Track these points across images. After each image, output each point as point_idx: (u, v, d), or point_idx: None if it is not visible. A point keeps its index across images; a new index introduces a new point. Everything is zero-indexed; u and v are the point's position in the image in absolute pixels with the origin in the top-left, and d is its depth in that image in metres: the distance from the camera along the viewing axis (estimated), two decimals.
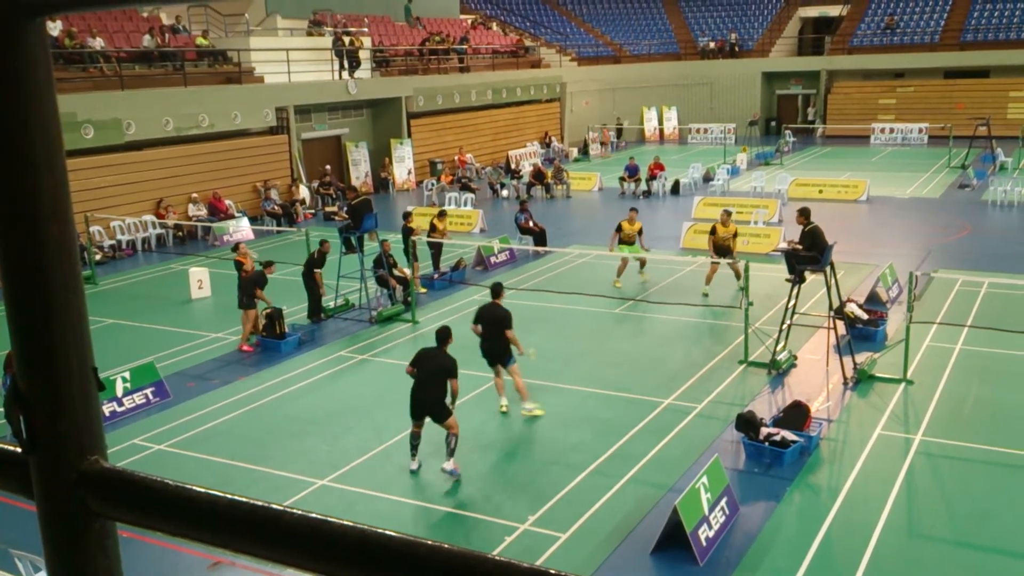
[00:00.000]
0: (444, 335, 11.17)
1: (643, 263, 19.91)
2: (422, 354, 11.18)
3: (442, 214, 20.64)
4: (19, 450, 1.20)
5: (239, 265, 16.37)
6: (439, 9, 44.07)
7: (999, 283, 18.02)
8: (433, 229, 20.03)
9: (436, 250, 20.27)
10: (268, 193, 28.16)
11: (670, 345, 15.67)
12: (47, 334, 1.15)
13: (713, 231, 18.60)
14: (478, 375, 13.64)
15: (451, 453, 10.93)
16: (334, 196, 29.83)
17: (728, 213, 18.99)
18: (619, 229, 19.69)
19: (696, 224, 23.99)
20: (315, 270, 17.17)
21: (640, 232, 19.83)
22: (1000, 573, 8.99)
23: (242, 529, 1.11)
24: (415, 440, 11.07)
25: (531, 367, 14.56)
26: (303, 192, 29.34)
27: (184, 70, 27.22)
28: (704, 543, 9.06)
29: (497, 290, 13.07)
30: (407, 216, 19.66)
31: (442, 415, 10.90)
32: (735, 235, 18.63)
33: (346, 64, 31.75)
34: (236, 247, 17.31)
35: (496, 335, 12.55)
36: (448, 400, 10.90)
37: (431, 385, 10.85)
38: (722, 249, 18.34)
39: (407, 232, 19.03)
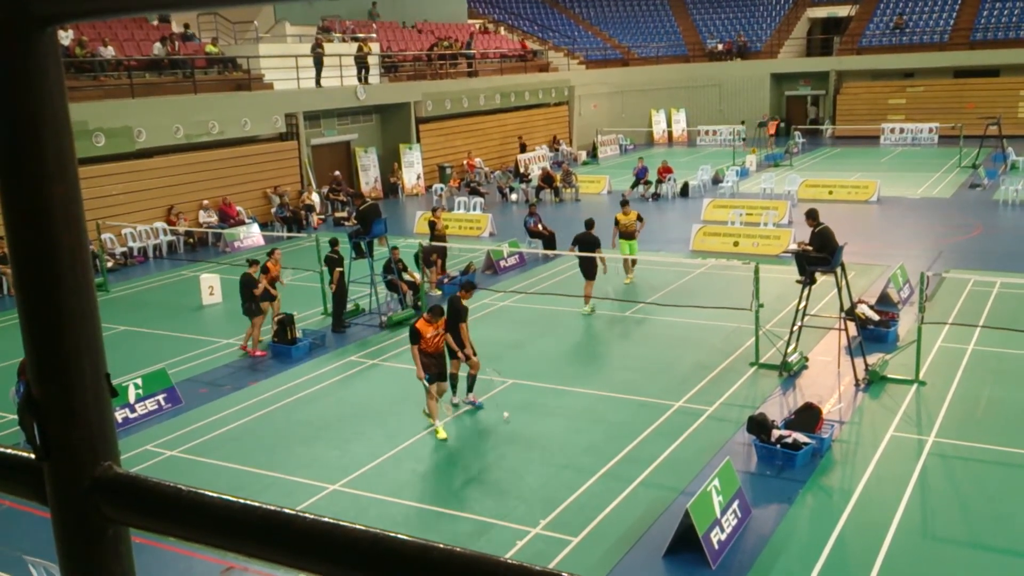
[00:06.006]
0: (470, 284, 13.58)
1: (633, 263, 19.98)
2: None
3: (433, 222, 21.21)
4: (33, 457, 1.20)
5: (250, 280, 16.12)
6: (447, 14, 44.14)
7: (1011, 283, 17.93)
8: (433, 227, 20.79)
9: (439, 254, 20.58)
10: (282, 199, 28.24)
11: (680, 348, 15.63)
12: (60, 341, 1.16)
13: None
14: (481, 378, 13.64)
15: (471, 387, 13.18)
16: (344, 201, 29.89)
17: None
18: (616, 223, 19.79)
19: (706, 226, 23.98)
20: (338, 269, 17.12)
21: (640, 219, 19.96)
22: (1015, 575, 8.93)
23: (255, 534, 1.11)
24: (454, 380, 13.14)
25: (541, 370, 14.56)
26: (315, 198, 29.39)
27: (194, 77, 27.36)
28: (716, 546, 9.04)
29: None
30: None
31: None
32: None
33: (320, 71, 31.66)
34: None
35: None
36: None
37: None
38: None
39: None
